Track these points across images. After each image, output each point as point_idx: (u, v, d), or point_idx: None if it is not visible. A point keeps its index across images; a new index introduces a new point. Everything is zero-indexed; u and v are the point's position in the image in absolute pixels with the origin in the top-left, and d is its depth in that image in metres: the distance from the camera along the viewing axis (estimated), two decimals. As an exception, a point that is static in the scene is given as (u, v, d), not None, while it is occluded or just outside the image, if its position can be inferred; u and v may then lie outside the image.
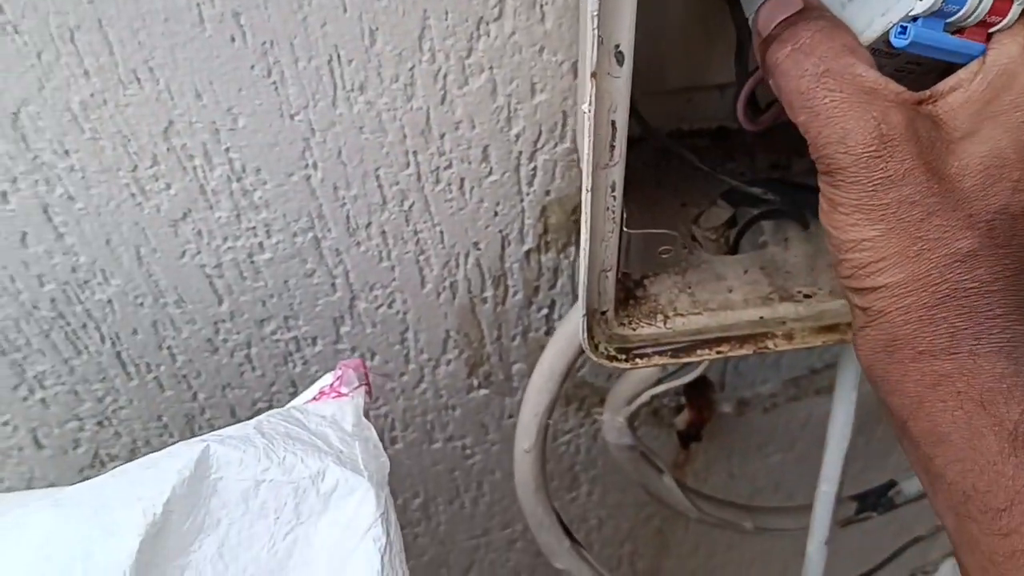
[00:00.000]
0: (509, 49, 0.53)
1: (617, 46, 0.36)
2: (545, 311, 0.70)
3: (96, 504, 0.38)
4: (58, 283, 0.60)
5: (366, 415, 0.51)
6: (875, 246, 0.37)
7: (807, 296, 0.52)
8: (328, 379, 0.53)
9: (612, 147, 0.40)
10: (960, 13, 0.37)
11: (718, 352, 0.51)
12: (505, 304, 0.69)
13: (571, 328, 0.58)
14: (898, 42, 0.38)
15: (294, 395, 0.72)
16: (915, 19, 0.37)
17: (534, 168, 0.59)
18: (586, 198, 0.41)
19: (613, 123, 0.39)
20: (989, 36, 0.38)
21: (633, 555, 1.00)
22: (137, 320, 0.64)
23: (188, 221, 0.58)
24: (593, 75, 0.37)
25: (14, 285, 0.60)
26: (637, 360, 0.50)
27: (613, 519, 0.94)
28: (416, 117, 0.55)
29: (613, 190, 0.42)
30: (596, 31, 0.35)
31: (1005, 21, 0.38)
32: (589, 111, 0.38)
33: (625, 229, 0.45)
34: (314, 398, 0.52)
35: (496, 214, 0.62)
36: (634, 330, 0.50)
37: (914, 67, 0.40)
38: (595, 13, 0.35)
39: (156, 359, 0.67)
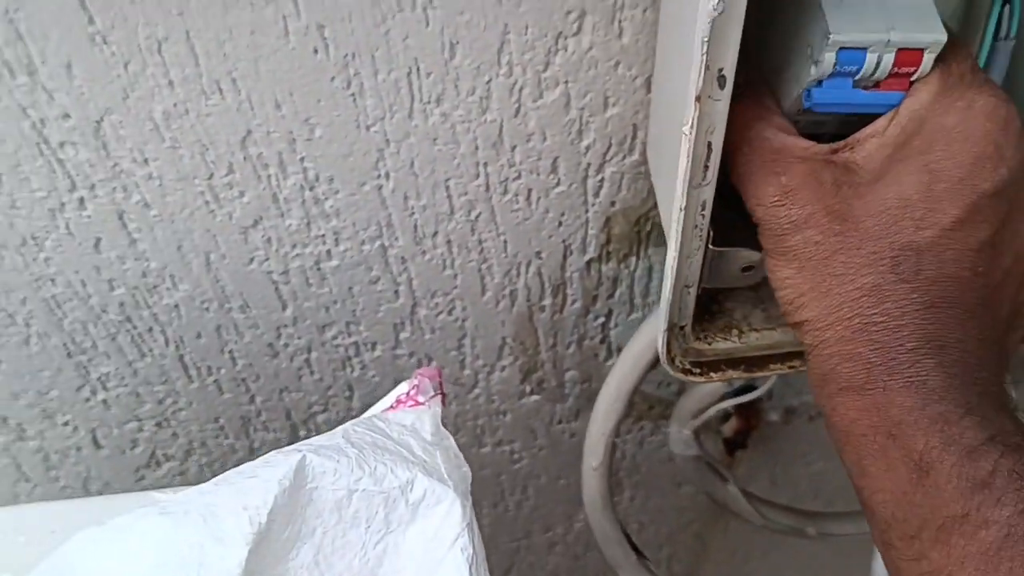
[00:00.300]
0: (585, 64, 0.53)
1: (720, 70, 0.37)
2: (602, 319, 0.71)
3: (204, 512, 0.39)
4: (128, 288, 0.61)
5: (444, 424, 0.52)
6: (793, 283, 0.40)
7: (879, 312, 0.52)
8: (404, 388, 0.53)
9: (706, 167, 0.40)
10: (863, 71, 0.40)
11: (790, 367, 0.51)
12: (563, 312, 0.69)
13: (637, 349, 0.58)
14: (806, 104, 0.42)
15: (350, 399, 0.73)
16: (820, 83, 0.41)
17: (601, 180, 0.60)
18: (678, 216, 0.42)
19: (710, 144, 0.40)
20: (912, 83, 0.41)
21: (671, 559, 1.01)
22: (202, 324, 0.65)
23: (259, 228, 0.59)
24: (697, 99, 0.37)
25: (85, 289, 0.61)
26: (711, 374, 0.51)
27: (654, 524, 0.95)
28: (489, 129, 0.56)
29: (703, 209, 0.42)
30: (704, 56, 0.36)
31: (920, 70, 0.40)
32: (690, 133, 0.38)
33: (711, 247, 0.45)
34: (391, 407, 0.52)
35: (560, 224, 0.62)
36: (709, 344, 0.51)
37: (854, 118, 0.43)
38: (705, 39, 0.35)
39: (217, 362, 0.68)
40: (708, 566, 1.03)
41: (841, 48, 0.40)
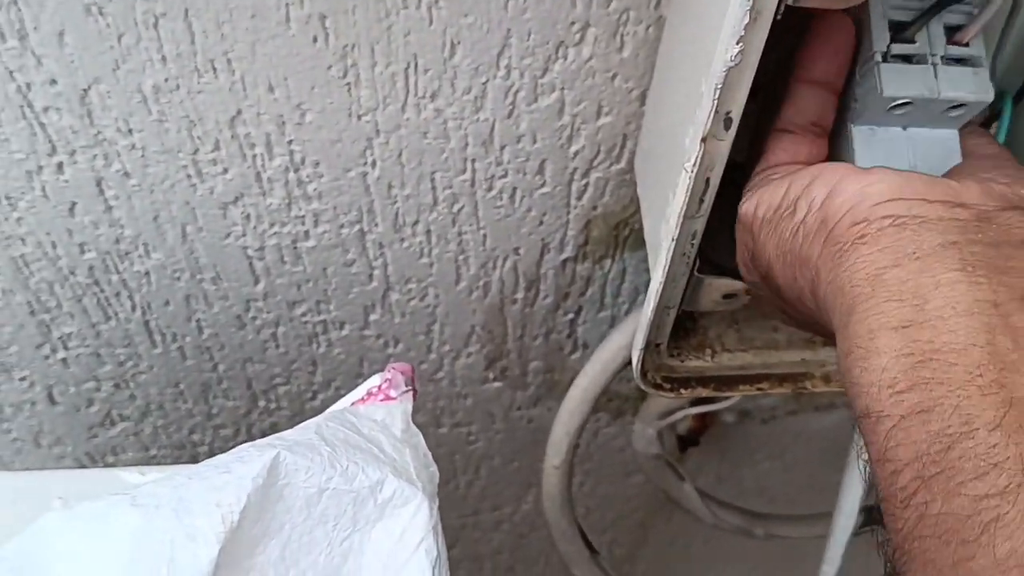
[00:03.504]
0: (583, 73, 0.53)
1: (728, 112, 0.37)
2: (571, 315, 0.71)
3: (176, 507, 0.39)
4: (99, 252, 0.60)
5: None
6: None
7: (849, 342, 0.53)
8: (375, 380, 0.53)
9: (702, 201, 0.41)
10: None
11: (758, 389, 0.53)
12: (534, 306, 0.70)
13: (606, 355, 0.59)
14: None
15: (313, 374, 0.73)
16: None
17: (586, 184, 0.60)
18: (669, 245, 0.42)
19: (708, 180, 0.40)
20: None
21: (612, 543, 1.03)
22: (171, 293, 0.64)
23: (239, 205, 0.59)
24: (703, 140, 0.37)
25: (55, 251, 0.60)
26: (682, 390, 0.52)
27: (599, 509, 0.97)
28: (481, 128, 0.56)
29: (694, 238, 0.43)
30: (715, 101, 0.36)
31: None
32: (692, 171, 0.39)
33: (696, 274, 0.46)
34: (362, 399, 0.53)
35: (541, 223, 0.63)
36: (682, 362, 0.52)
37: None
38: (718, 85, 0.35)
39: (183, 330, 0.68)
40: (647, 552, 1.05)
41: None
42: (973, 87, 0.40)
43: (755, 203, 0.41)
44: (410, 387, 0.53)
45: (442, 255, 0.64)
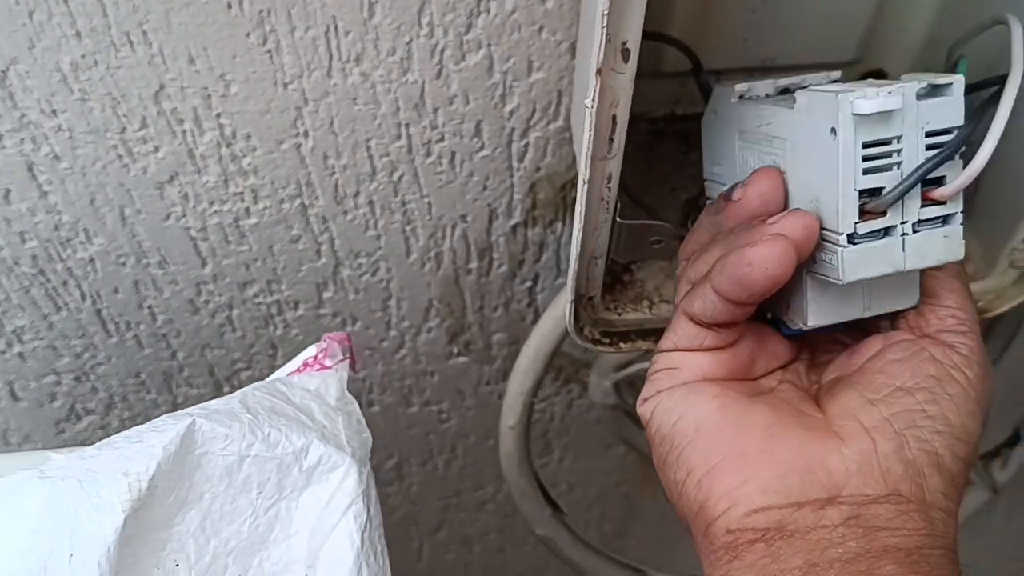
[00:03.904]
0: (508, 27, 0.52)
1: (624, 43, 0.36)
2: (529, 283, 0.70)
3: (83, 477, 0.39)
4: (40, 241, 0.60)
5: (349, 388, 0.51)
6: None
7: (791, 287, 0.52)
8: (312, 351, 0.53)
9: (611, 140, 0.40)
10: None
11: (701, 339, 0.51)
12: (489, 276, 0.69)
13: (557, 312, 0.58)
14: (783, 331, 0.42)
15: (273, 357, 0.72)
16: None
17: (526, 145, 0.59)
18: (582, 189, 0.41)
19: (614, 117, 0.39)
20: None
21: (600, 519, 1.02)
22: (119, 279, 0.64)
23: (175, 184, 0.58)
24: (598, 72, 0.36)
25: (-5, 241, 0.59)
26: (621, 344, 0.51)
27: (583, 484, 0.96)
28: (411, 90, 0.55)
29: (609, 181, 0.42)
30: (605, 29, 0.35)
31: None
32: (592, 106, 0.38)
33: (618, 219, 0.45)
34: (298, 370, 0.52)
35: (485, 188, 0.62)
36: (619, 315, 0.51)
37: None
38: (605, 12, 0.34)
39: (136, 318, 0.67)
40: (637, 526, 1.04)
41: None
42: (942, 253, 0.37)
43: (649, 412, 0.41)
44: (347, 356, 0.53)
45: (388, 227, 0.63)
